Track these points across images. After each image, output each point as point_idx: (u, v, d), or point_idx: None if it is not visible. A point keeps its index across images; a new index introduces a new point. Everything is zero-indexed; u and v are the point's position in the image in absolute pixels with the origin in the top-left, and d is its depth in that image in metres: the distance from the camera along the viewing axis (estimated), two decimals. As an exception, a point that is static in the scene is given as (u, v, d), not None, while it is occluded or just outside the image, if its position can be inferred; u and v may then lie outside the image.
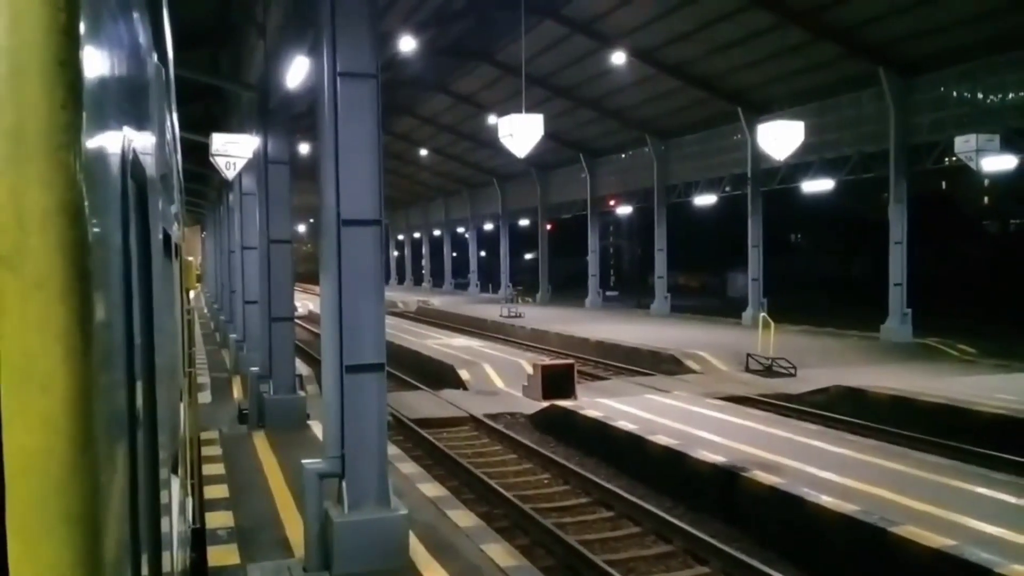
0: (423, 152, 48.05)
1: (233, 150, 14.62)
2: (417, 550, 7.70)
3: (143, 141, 1.60)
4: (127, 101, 1.26)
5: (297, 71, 11.89)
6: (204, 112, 22.16)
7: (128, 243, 1.09)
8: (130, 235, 1.13)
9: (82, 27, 0.74)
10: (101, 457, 0.76)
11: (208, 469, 10.61)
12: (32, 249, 0.68)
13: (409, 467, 11.13)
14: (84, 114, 0.74)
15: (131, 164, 1.18)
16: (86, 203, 0.73)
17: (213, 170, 17.05)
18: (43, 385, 0.68)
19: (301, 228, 74.33)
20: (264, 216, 13.63)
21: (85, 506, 0.71)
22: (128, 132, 1.20)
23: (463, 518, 8.93)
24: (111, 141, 0.98)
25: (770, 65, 25.45)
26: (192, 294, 7.23)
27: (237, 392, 17.23)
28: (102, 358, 0.79)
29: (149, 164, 1.71)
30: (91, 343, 0.73)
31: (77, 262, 0.71)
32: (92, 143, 0.80)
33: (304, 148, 35.60)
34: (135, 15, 1.51)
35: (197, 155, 18.51)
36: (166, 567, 1.98)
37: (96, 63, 0.85)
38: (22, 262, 0.67)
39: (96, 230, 0.78)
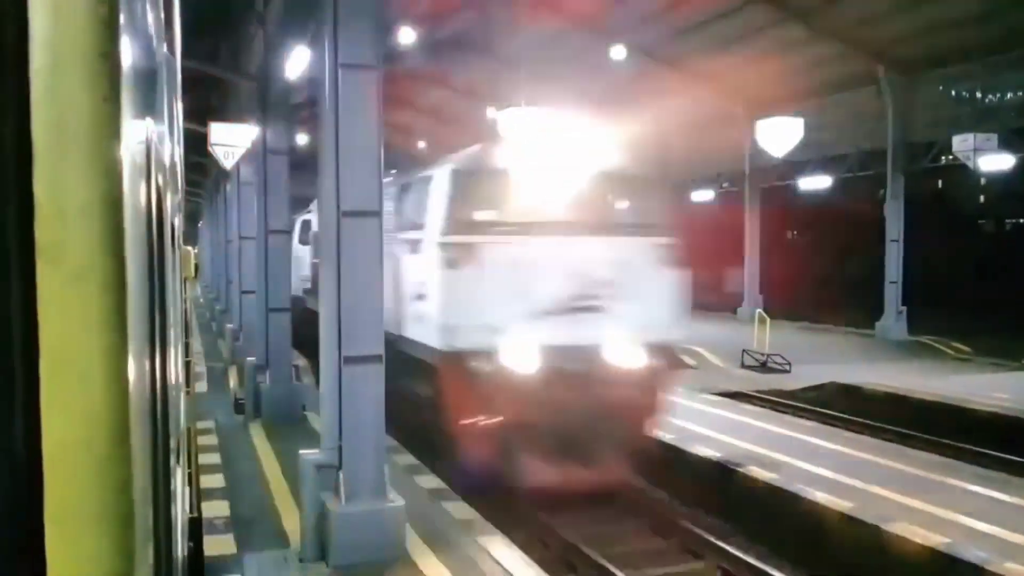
0: (421, 144, 47.96)
1: (231, 140, 14.57)
2: (413, 542, 7.72)
3: (157, 132, 1.60)
4: (149, 92, 1.26)
5: (297, 61, 11.86)
6: (203, 101, 22.08)
7: (151, 235, 1.10)
8: (152, 226, 1.13)
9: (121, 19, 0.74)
10: (134, 448, 0.77)
11: (204, 459, 10.60)
12: (73, 241, 0.68)
13: (406, 459, 11.14)
14: (122, 106, 0.74)
15: (153, 155, 1.18)
16: (125, 195, 0.73)
17: (211, 159, 17.00)
18: (83, 377, 0.69)
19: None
20: (262, 206, 13.60)
21: (121, 498, 0.72)
22: (148, 123, 1.21)
23: (459, 510, 8.95)
24: (140, 133, 0.98)
25: (769, 64, 25.40)
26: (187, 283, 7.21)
27: (233, 382, 17.22)
28: (136, 349, 0.80)
29: (163, 155, 1.71)
30: (128, 335, 0.73)
31: (116, 254, 0.71)
32: (128, 135, 0.80)
33: (302, 139, 35.45)
34: (149, 4, 1.51)
35: (194, 144, 18.44)
36: (175, 555, 1.99)
37: (128, 55, 0.85)
38: (63, 254, 0.68)
39: (130, 222, 0.79)
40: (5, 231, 0.67)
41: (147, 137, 1.13)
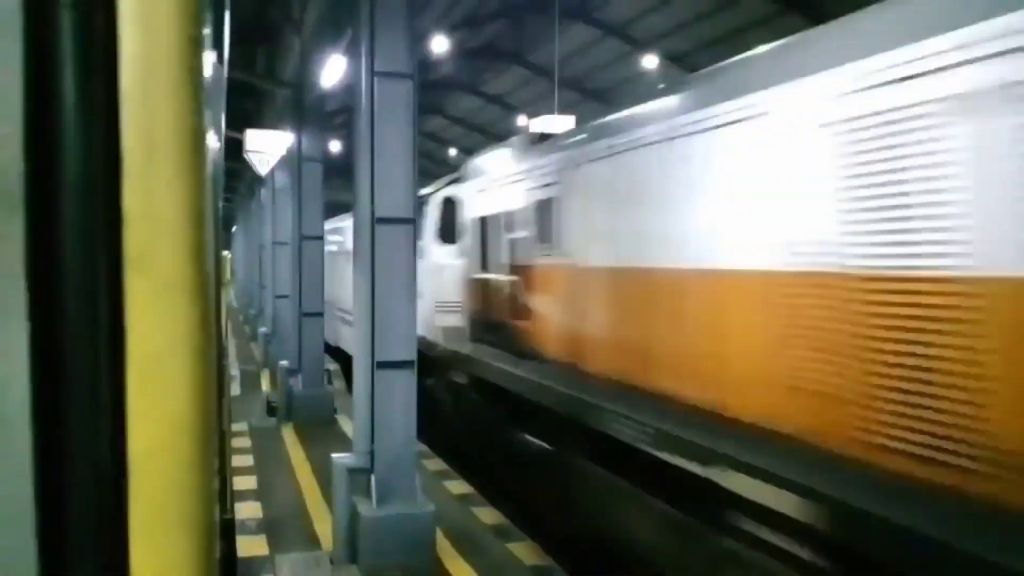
0: (452, 152, 48.14)
1: (266, 146, 14.75)
2: (443, 546, 7.75)
3: (214, 141, 1.64)
4: (212, 103, 1.30)
5: (333, 70, 11.99)
6: (238, 107, 22.37)
7: (217, 243, 1.13)
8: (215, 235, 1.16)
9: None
10: (213, 456, 0.79)
11: (237, 461, 10.73)
12: (162, 251, 0.71)
13: (436, 464, 11.18)
14: (205, 118, 0.77)
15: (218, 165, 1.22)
16: (208, 205, 0.76)
17: (245, 165, 17.21)
18: (170, 386, 0.71)
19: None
20: (296, 212, 13.77)
21: (204, 502, 0.74)
22: (211, 134, 1.24)
23: (489, 516, 8.96)
24: (212, 143, 1.02)
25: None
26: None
27: (266, 385, 17.41)
28: (215, 357, 0.82)
29: (218, 163, 1.75)
30: (212, 343, 0.76)
31: (202, 263, 0.74)
32: (209, 146, 0.83)
33: (335, 146, 35.78)
34: (207, 15, 1.55)
35: (230, 150, 18.66)
36: (220, 555, 2.03)
37: (208, 70, 0.88)
38: (152, 264, 0.70)
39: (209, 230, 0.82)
40: (95, 241, 0.70)
41: (213, 146, 1.16)
